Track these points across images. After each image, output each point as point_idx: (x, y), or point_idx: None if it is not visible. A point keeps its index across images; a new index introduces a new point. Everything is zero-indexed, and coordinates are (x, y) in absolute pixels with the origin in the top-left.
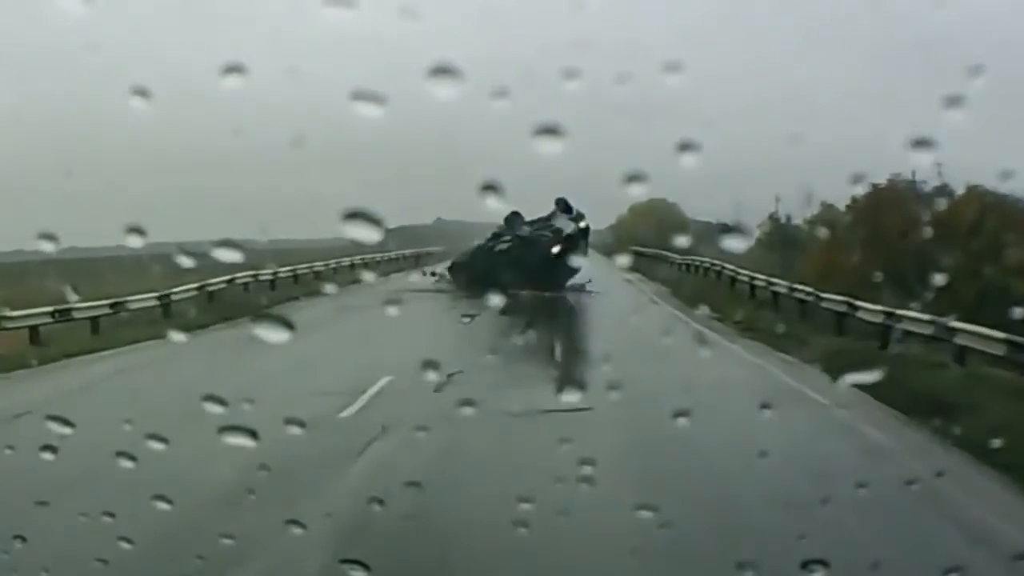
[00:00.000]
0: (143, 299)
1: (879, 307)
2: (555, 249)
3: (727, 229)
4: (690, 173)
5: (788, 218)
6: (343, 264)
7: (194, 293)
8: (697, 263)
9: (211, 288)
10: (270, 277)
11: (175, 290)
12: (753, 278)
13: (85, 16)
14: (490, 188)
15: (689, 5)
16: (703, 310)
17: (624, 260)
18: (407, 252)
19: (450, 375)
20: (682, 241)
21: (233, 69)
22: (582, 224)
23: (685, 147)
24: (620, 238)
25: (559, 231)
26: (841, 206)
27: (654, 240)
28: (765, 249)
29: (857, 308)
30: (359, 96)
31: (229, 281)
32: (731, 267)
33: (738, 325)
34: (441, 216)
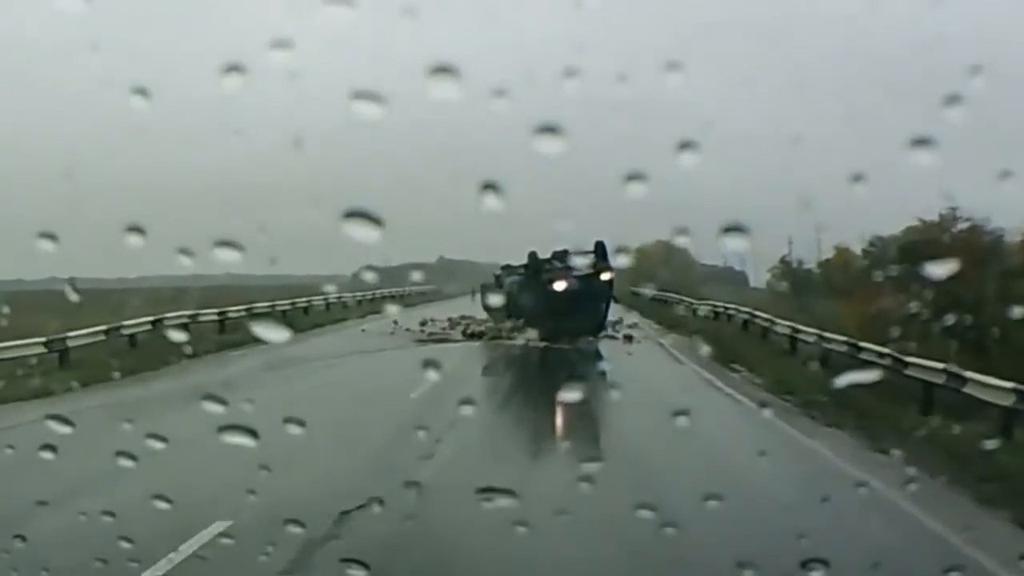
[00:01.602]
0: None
1: (1008, 383)
2: (558, 285)
3: (728, 229)
4: (691, 175)
5: (800, 262)
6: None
7: (101, 338)
8: (720, 308)
9: (128, 331)
10: (216, 318)
11: (71, 334)
12: (796, 330)
13: (85, 14)
14: (490, 187)
15: (689, 5)
16: (742, 373)
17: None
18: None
19: (344, 513)
20: (682, 241)
21: (233, 69)
22: (604, 277)
23: (685, 146)
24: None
25: (570, 269)
26: (856, 248)
27: (664, 282)
28: (778, 293)
29: (965, 380)
30: (359, 96)
31: (155, 323)
32: (764, 316)
33: (793, 399)
34: (444, 255)
